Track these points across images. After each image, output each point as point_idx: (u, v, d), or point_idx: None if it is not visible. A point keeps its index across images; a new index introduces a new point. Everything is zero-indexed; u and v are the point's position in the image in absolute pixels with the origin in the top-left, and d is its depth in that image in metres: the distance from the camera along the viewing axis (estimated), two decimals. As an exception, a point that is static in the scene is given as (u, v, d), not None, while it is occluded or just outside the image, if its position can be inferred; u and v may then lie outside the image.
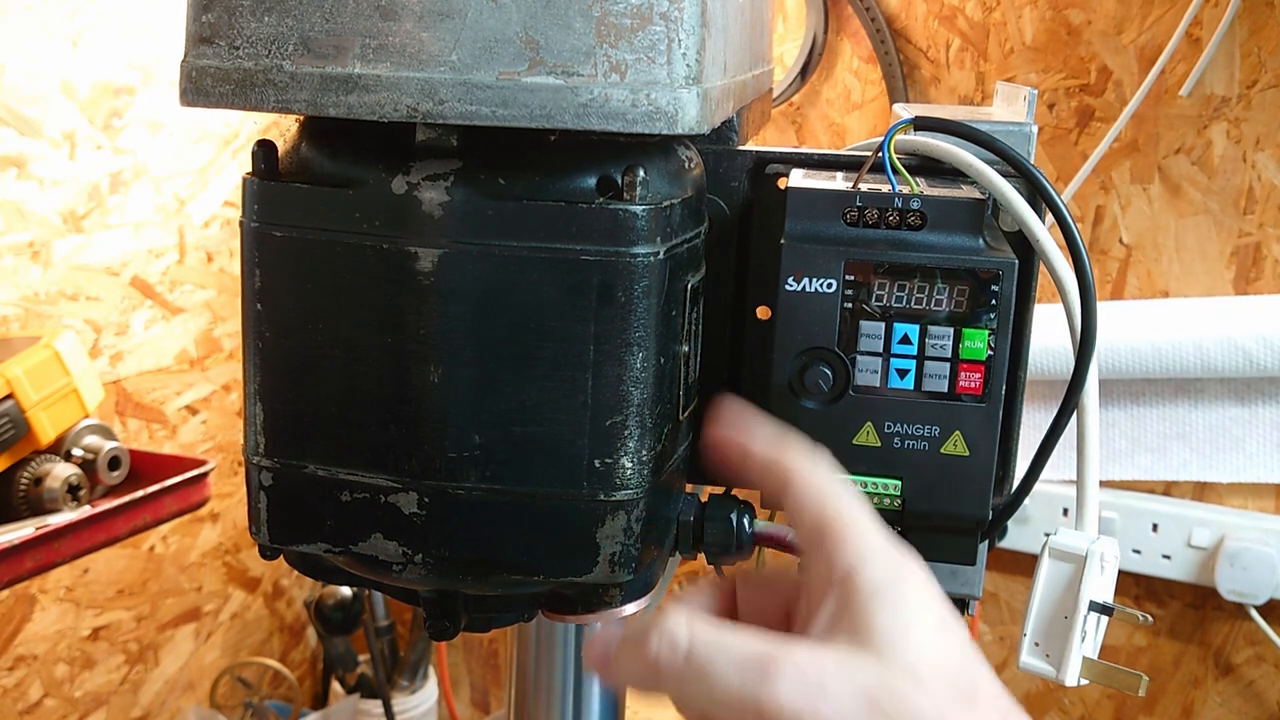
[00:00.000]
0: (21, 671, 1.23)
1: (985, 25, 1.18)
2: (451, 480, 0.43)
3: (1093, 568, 0.48)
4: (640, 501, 0.44)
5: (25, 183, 1.15)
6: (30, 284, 1.17)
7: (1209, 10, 1.08)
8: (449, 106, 0.40)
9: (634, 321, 0.42)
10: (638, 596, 0.48)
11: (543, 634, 0.59)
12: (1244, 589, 1.12)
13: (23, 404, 0.95)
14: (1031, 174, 0.48)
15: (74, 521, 0.94)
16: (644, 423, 0.44)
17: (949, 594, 0.55)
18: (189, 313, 1.36)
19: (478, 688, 1.69)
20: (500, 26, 0.39)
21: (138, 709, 1.38)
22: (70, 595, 1.26)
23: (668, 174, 0.45)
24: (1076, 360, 0.48)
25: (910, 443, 0.47)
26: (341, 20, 0.40)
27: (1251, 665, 1.18)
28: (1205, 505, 1.16)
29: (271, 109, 0.41)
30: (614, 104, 0.40)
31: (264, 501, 0.46)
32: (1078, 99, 1.15)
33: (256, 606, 1.53)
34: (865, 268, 0.46)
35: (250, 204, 0.44)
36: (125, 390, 1.29)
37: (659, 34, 0.40)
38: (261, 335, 0.45)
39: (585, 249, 0.42)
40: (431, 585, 0.47)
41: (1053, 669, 0.48)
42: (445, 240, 0.42)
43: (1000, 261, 0.45)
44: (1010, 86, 0.58)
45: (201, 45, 0.42)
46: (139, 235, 1.28)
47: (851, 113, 1.27)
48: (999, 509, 0.50)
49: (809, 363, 0.47)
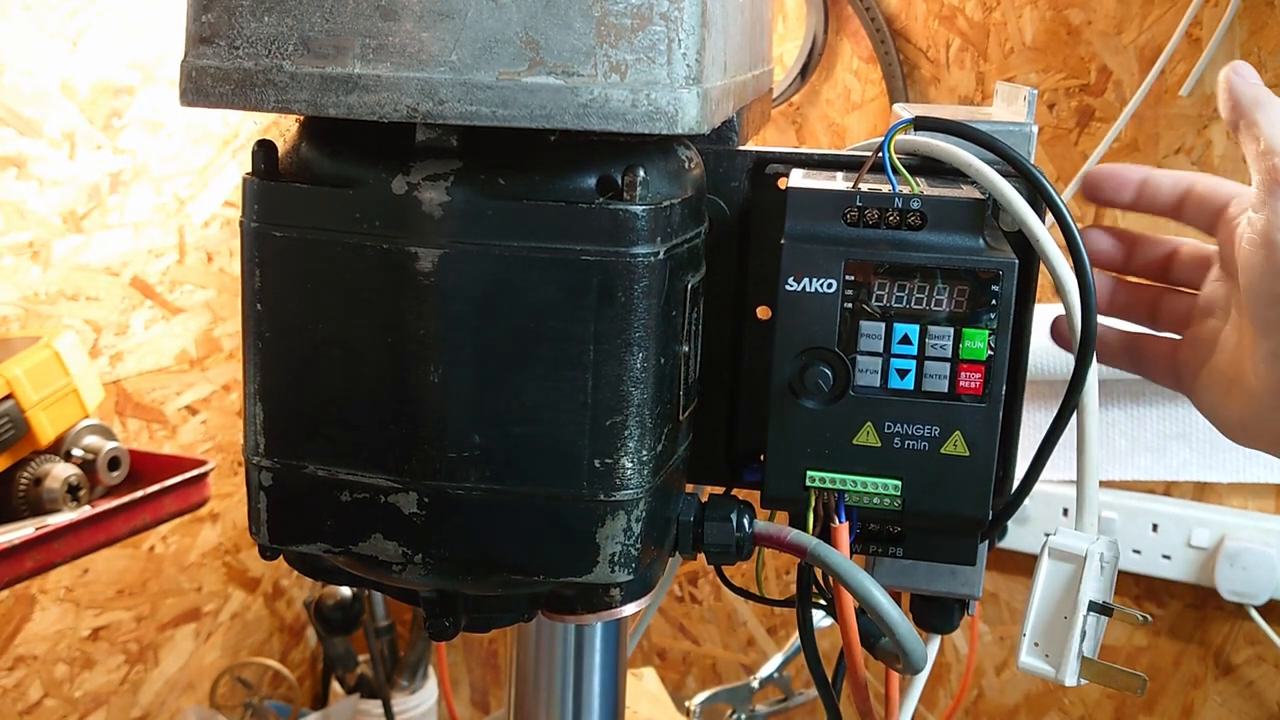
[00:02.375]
0: (21, 671, 1.23)
1: (985, 25, 1.18)
2: (451, 480, 0.43)
3: (1092, 568, 0.48)
4: (640, 501, 0.44)
5: (25, 183, 1.15)
6: (30, 284, 1.17)
7: (1209, 10, 1.08)
8: (449, 106, 0.40)
9: (634, 321, 0.42)
10: (638, 596, 0.48)
11: (543, 634, 0.59)
12: (1244, 589, 1.12)
13: (23, 404, 0.95)
14: (1031, 174, 0.48)
15: (74, 521, 0.94)
16: (644, 423, 0.44)
17: (949, 594, 0.55)
18: (189, 313, 1.36)
19: (478, 688, 1.69)
20: (500, 26, 0.39)
21: (138, 709, 1.38)
22: (70, 595, 1.26)
23: (668, 174, 0.45)
24: (1076, 360, 0.48)
25: (910, 443, 0.47)
26: (341, 20, 0.40)
27: (1251, 665, 1.18)
28: (1205, 505, 1.16)
29: (271, 109, 0.41)
30: (614, 104, 0.40)
31: (264, 501, 0.46)
32: (1078, 99, 1.15)
33: (256, 607, 1.53)
34: (865, 268, 0.46)
35: (250, 204, 0.44)
36: (125, 390, 1.29)
37: (659, 34, 0.40)
38: (261, 335, 0.45)
39: (585, 249, 0.42)
40: (431, 585, 0.47)
41: (1052, 669, 0.48)
42: (445, 240, 0.42)
43: (1000, 261, 0.45)
44: (1010, 86, 0.58)
45: (201, 45, 0.42)
46: (139, 235, 1.28)
47: (851, 113, 1.27)
48: (999, 509, 0.50)
49: (809, 363, 0.47)
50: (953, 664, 1.34)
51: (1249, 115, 0.52)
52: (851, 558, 0.48)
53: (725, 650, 1.47)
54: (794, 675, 1.21)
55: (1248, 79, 0.53)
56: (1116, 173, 0.58)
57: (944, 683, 1.34)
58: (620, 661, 0.61)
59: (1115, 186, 0.58)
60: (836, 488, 0.48)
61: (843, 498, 0.48)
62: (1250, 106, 0.52)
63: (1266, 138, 0.51)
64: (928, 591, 0.56)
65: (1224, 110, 0.54)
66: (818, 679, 0.56)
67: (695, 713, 1.13)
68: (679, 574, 1.48)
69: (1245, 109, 0.52)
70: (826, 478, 0.48)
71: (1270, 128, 0.51)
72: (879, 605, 0.46)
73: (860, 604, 0.47)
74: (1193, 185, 0.57)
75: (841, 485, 0.48)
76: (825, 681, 0.56)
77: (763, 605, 0.99)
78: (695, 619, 1.48)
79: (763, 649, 1.44)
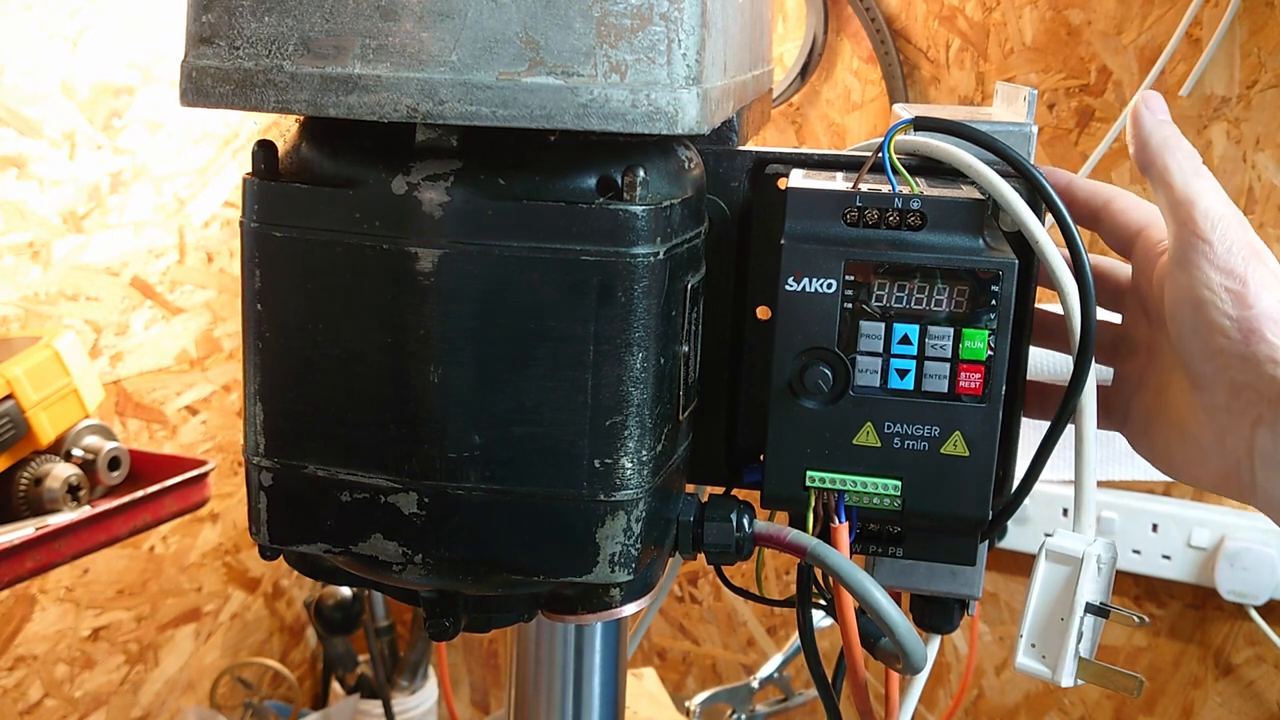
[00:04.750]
0: (21, 671, 1.23)
1: (985, 25, 1.18)
2: (451, 480, 0.43)
3: (1089, 570, 0.48)
4: (640, 501, 0.44)
5: (25, 183, 1.15)
6: (30, 284, 1.17)
7: (1209, 10, 1.08)
8: (449, 107, 0.40)
9: (634, 322, 0.42)
10: (638, 596, 0.48)
11: (543, 634, 0.59)
12: (1244, 589, 1.12)
13: (23, 404, 0.95)
14: (1031, 174, 0.48)
15: (74, 521, 0.94)
16: (644, 423, 0.44)
17: (949, 594, 0.55)
18: (189, 313, 1.36)
19: (478, 688, 1.69)
20: (500, 26, 0.39)
21: (138, 709, 1.38)
22: (70, 595, 1.26)
23: (668, 174, 0.45)
24: (1076, 361, 0.48)
25: (910, 443, 0.47)
26: (341, 20, 0.40)
27: (1251, 665, 1.18)
28: (1205, 505, 1.16)
29: (271, 109, 0.41)
30: (614, 104, 0.40)
31: (264, 502, 0.46)
32: (1078, 99, 1.15)
33: (256, 607, 1.53)
34: (865, 268, 0.46)
35: (250, 204, 0.44)
36: (125, 390, 1.29)
37: (659, 34, 0.40)
38: (261, 335, 0.45)
39: (585, 249, 0.42)
40: (431, 585, 0.47)
41: (1048, 670, 0.48)
42: (445, 240, 0.42)
43: (1000, 262, 0.45)
44: (1010, 87, 0.58)
45: (201, 45, 0.42)
46: (139, 235, 1.28)
47: (851, 113, 1.27)
48: (999, 509, 0.50)
49: (809, 363, 0.47)
50: (953, 664, 1.34)
51: (1159, 160, 0.50)
52: (851, 558, 0.48)
53: (725, 650, 1.47)
54: (794, 675, 1.21)
55: (1156, 115, 0.50)
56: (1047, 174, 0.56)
57: (944, 683, 1.34)
58: (620, 661, 0.61)
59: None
60: (836, 488, 0.48)
61: (843, 498, 0.48)
62: (1159, 150, 0.50)
63: (1178, 185, 0.49)
64: (928, 591, 0.56)
65: (1132, 150, 0.51)
66: (818, 679, 0.56)
67: (695, 713, 1.13)
68: (679, 574, 1.48)
69: (1154, 152, 0.50)
70: (826, 478, 0.48)
71: (1180, 174, 0.49)
72: (879, 605, 0.46)
73: (860, 604, 0.47)
74: (1109, 201, 0.54)
75: (841, 485, 0.48)
76: (825, 681, 0.56)
77: (763, 605, 0.99)
78: (695, 619, 1.48)
79: (763, 649, 1.44)
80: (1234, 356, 0.47)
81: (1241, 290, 0.47)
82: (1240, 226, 0.48)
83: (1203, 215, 0.48)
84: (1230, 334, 0.47)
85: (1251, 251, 0.47)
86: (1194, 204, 0.48)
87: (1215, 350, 0.48)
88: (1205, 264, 0.47)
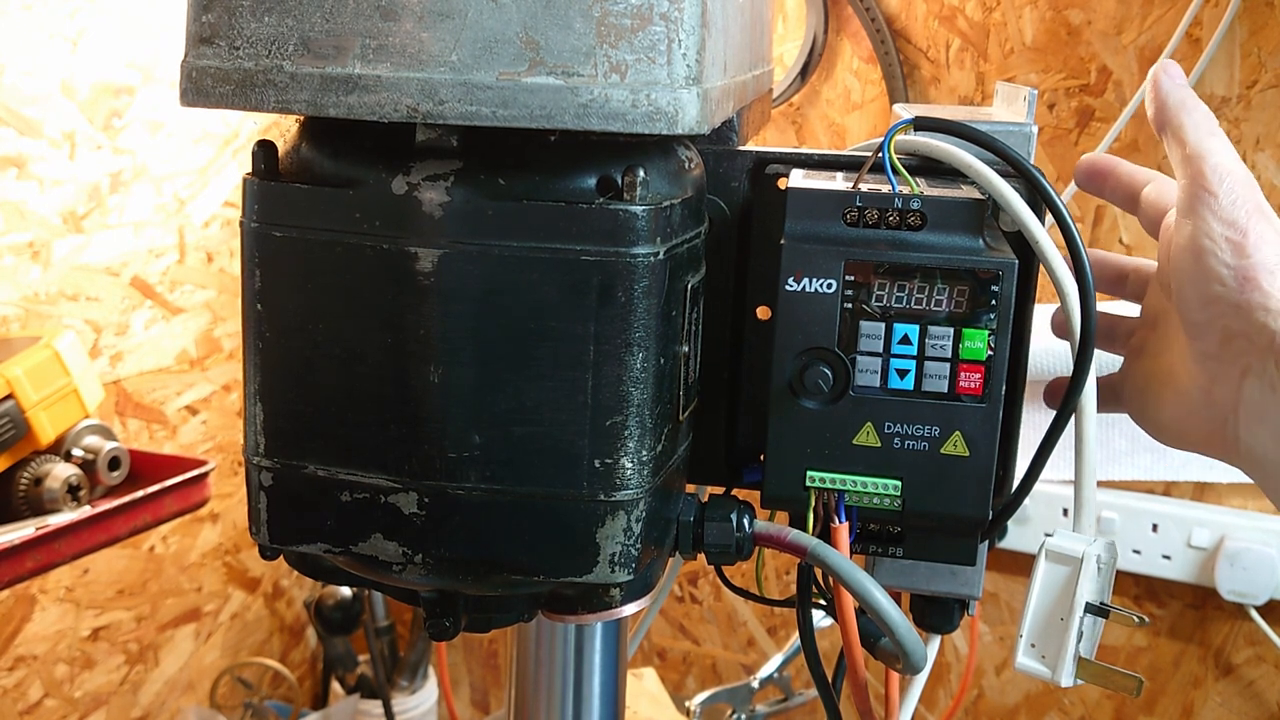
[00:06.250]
0: (21, 671, 1.23)
1: (985, 25, 1.18)
2: (451, 480, 0.43)
3: (1088, 570, 0.48)
4: (640, 501, 0.44)
5: (25, 183, 1.15)
6: (30, 284, 1.17)
7: (1209, 10, 1.08)
8: (449, 107, 0.40)
9: (634, 321, 0.42)
10: (638, 596, 0.48)
11: (543, 634, 0.59)
12: (1244, 589, 1.12)
13: (23, 404, 0.95)
14: (1031, 174, 0.48)
15: (74, 521, 0.94)
16: (644, 423, 0.44)
17: (949, 594, 0.55)
18: (189, 313, 1.36)
19: (478, 688, 1.69)
20: (500, 27, 0.39)
21: (138, 709, 1.38)
22: (70, 595, 1.26)
23: (668, 174, 0.45)
24: (1076, 362, 0.48)
25: (910, 443, 0.47)
26: (341, 20, 0.40)
27: (1251, 665, 1.18)
28: (1205, 505, 1.16)
29: (271, 109, 0.41)
30: (614, 104, 0.40)
31: (264, 502, 0.46)
32: (1078, 99, 1.15)
33: (256, 607, 1.53)
34: (865, 268, 0.46)
35: (250, 204, 0.44)
36: (125, 390, 1.29)
37: (659, 34, 0.40)
38: (261, 335, 0.45)
39: (585, 249, 0.42)
40: (431, 585, 0.47)
41: (1048, 670, 0.48)
42: (445, 240, 0.42)
43: (1000, 261, 0.45)
44: (1010, 87, 0.58)
45: (201, 45, 0.42)
46: (139, 235, 1.28)
47: (851, 113, 1.27)
48: (999, 509, 0.50)
49: (809, 363, 0.47)
50: (953, 664, 1.34)
51: (1175, 118, 0.52)
52: (851, 558, 0.48)
53: (725, 650, 1.47)
54: (794, 675, 1.21)
55: (1175, 79, 0.53)
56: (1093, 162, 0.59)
57: (944, 683, 1.34)
58: (620, 661, 0.61)
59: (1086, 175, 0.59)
60: (836, 488, 0.48)
61: (843, 498, 0.48)
62: (1176, 109, 0.52)
63: (1191, 142, 0.51)
64: (928, 591, 0.56)
65: (1150, 111, 0.53)
66: (818, 679, 0.56)
67: (695, 713, 1.13)
68: (679, 574, 1.48)
69: (1171, 112, 0.52)
70: (826, 478, 0.48)
71: (1194, 131, 0.51)
72: (879, 605, 0.46)
73: (860, 604, 0.47)
74: (1149, 184, 0.56)
75: (841, 485, 0.48)
76: (825, 681, 0.56)
77: (763, 605, 0.99)
78: (695, 619, 1.48)
79: (763, 649, 1.44)
80: (1228, 304, 0.49)
81: (1241, 240, 0.48)
82: (1247, 184, 0.49)
83: (1212, 170, 0.49)
84: (1227, 281, 0.48)
85: (1255, 206, 0.49)
86: (1205, 159, 0.50)
87: (1211, 298, 0.49)
88: (1209, 214, 0.49)
